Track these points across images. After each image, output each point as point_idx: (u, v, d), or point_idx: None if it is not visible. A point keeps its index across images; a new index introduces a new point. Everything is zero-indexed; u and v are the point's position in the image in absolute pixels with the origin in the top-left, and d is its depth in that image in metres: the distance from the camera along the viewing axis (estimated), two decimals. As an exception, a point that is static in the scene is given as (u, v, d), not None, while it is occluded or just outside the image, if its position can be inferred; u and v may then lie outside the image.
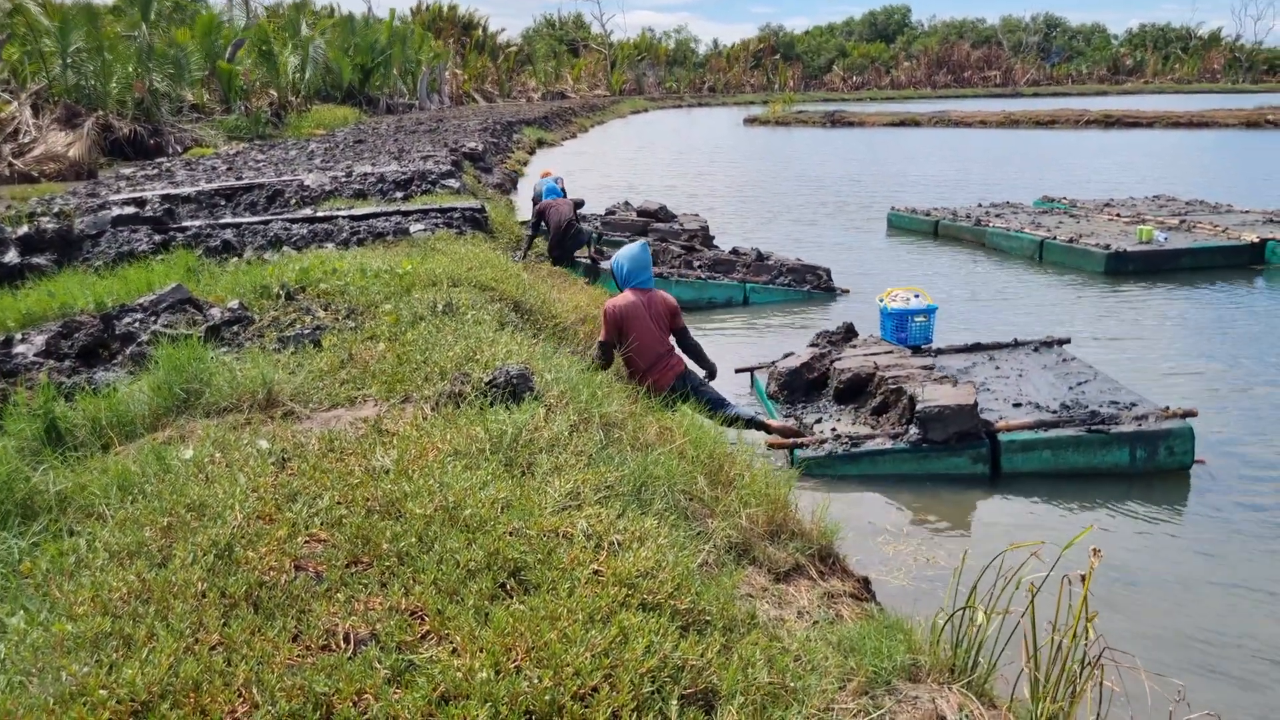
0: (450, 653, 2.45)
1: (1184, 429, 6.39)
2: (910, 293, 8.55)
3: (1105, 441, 6.37)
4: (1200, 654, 4.36)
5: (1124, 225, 15.04)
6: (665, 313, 6.61)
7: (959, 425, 6.36)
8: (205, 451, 3.70)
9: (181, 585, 2.68)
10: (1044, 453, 6.38)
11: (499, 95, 68.86)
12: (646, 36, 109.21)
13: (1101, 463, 6.39)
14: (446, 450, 3.64)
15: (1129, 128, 45.59)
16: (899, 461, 6.40)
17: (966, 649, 3.16)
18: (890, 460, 6.40)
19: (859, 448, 6.44)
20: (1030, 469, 6.39)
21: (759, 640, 2.83)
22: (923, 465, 6.38)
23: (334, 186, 13.23)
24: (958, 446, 6.37)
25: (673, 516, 3.55)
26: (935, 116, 51.79)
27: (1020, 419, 6.60)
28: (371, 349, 5.09)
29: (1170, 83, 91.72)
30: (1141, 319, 10.76)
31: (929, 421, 6.38)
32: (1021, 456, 6.39)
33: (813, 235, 16.75)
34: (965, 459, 6.38)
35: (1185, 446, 6.38)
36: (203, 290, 6.72)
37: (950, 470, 6.38)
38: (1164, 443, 6.38)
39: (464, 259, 7.56)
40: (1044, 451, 6.38)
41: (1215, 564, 5.25)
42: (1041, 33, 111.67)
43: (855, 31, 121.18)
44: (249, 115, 31.25)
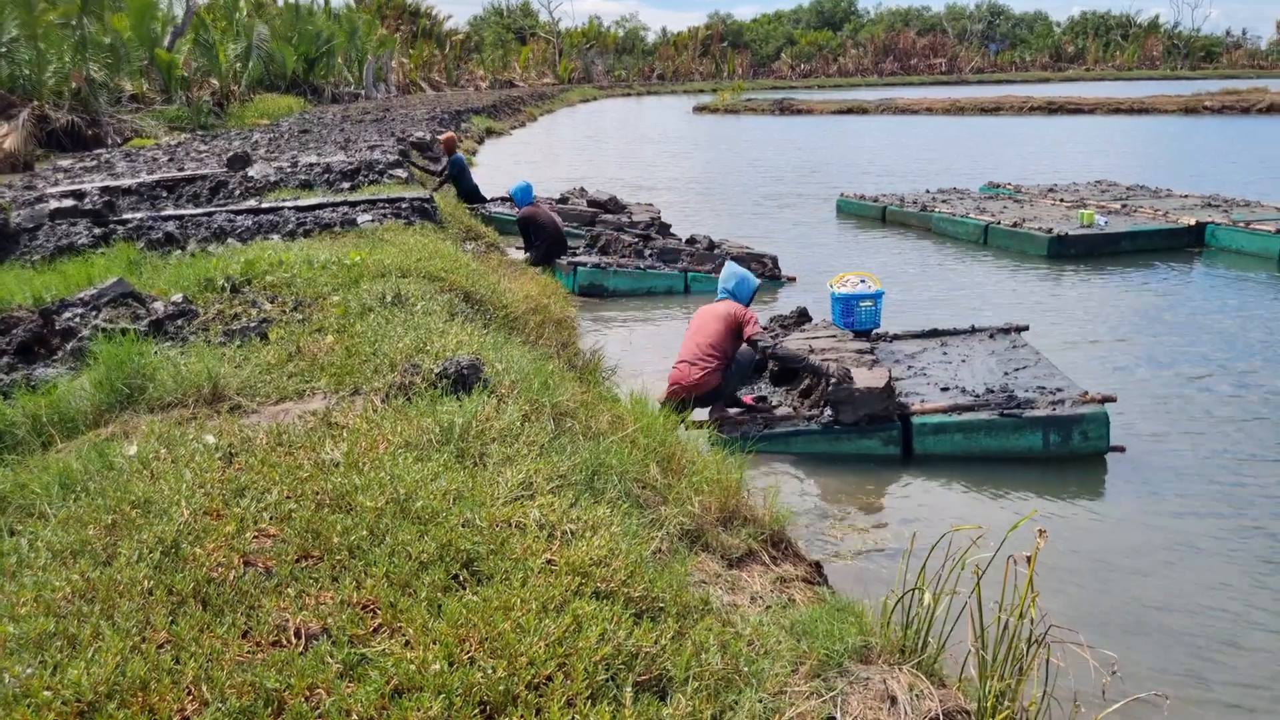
0: (403, 645, 2.44)
1: (1099, 414, 6.43)
2: (859, 278, 8.62)
3: (1018, 425, 6.43)
4: (1134, 629, 4.47)
5: (1066, 210, 15.29)
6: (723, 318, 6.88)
7: (869, 408, 6.46)
8: (150, 448, 3.63)
9: (127, 583, 2.63)
10: (955, 435, 6.46)
11: (446, 84, 68.24)
12: (595, 24, 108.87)
13: (1014, 446, 6.45)
14: (397, 442, 3.61)
15: (1071, 114, 46.36)
16: (811, 441, 6.51)
17: (916, 630, 3.21)
18: (803, 440, 6.52)
19: (773, 428, 6.56)
20: (942, 451, 6.48)
21: (712, 626, 2.85)
22: (834, 445, 6.49)
23: (279, 177, 13.04)
24: (868, 429, 6.46)
25: (625, 505, 3.55)
26: (883, 104, 52.24)
27: (937, 402, 6.69)
28: (319, 341, 5.04)
29: (1111, 70, 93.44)
30: (1081, 301, 10.95)
31: (840, 404, 6.51)
32: (933, 439, 6.48)
33: (763, 223, 16.83)
34: (876, 441, 6.48)
35: (1100, 432, 6.43)
36: (145, 284, 6.60)
37: (861, 451, 6.47)
38: (1077, 427, 6.42)
39: (413, 249, 7.50)
40: (955, 435, 6.46)
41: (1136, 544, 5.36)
42: (985, 20, 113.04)
43: (803, 19, 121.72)
44: (190, 105, 30.69)
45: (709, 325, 6.81)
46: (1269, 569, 5.04)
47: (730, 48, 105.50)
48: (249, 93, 36.48)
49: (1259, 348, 8.96)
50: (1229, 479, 6.19)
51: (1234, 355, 8.74)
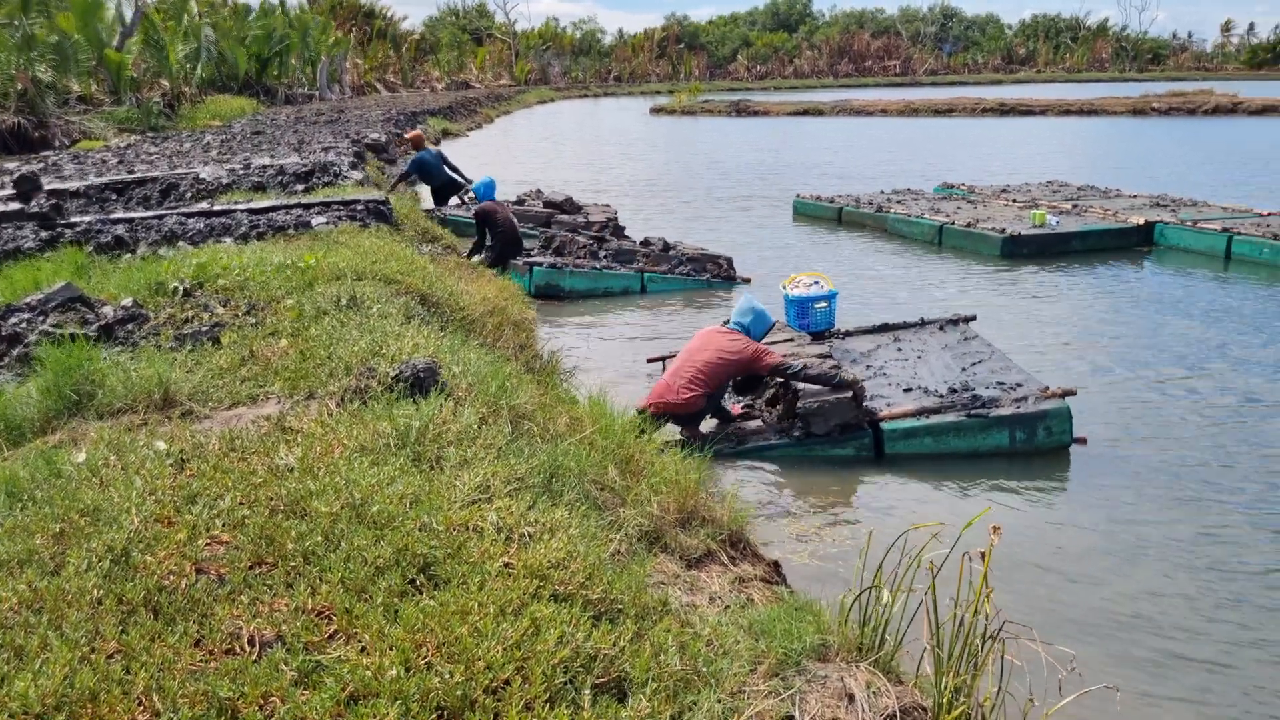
0: (359, 652, 2.42)
1: (1061, 409, 6.57)
2: (812, 279, 8.67)
3: (985, 425, 6.53)
4: (1088, 625, 4.53)
5: (1019, 210, 15.49)
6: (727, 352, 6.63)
7: (840, 418, 6.50)
8: (99, 454, 3.57)
9: (76, 593, 2.59)
10: (925, 439, 6.54)
11: (402, 85, 67.73)
12: (551, 26, 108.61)
13: (982, 446, 6.56)
14: (352, 446, 3.58)
15: (1023, 115, 47.00)
16: (785, 450, 6.52)
17: (873, 628, 3.23)
18: (778, 453, 6.52)
19: (744, 445, 6.56)
20: (913, 453, 6.55)
21: (671, 627, 2.85)
22: (808, 453, 6.50)
23: (232, 179, 12.87)
24: (840, 439, 6.50)
25: (584, 507, 3.55)
26: (838, 105, 52.63)
27: (904, 407, 6.75)
28: (273, 345, 4.98)
29: (1061, 71, 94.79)
30: (1035, 300, 11.11)
31: (811, 417, 6.52)
32: (903, 443, 6.55)
33: (719, 224, 16.88)
34: (850, 449, 6.52)
35: (1063, 426, 6.57)
36: (94, 288, 6.48)
37: (834, 457, 6.51)
38: (1041, 423, 6.55)
39: (368, 252, 7.43)
40: (925, 438, 6.54)
41: (1095, 539, 5.45)
42: (938, 23, 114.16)
43: (758, 21, 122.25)
44: (140, 107, 30.21)
45: (710, 354, 6.57)
46: (1220, 563, 5.14)
47: (687, 49, 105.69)
48: (200, 94, 35.97)
49: (1207, 343, 9.14)
50: (1182, 471, 6.30)
51: (1183, 351, 8.91)
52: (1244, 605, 4.70)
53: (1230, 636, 4.43)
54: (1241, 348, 8.97)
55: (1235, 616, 4.60)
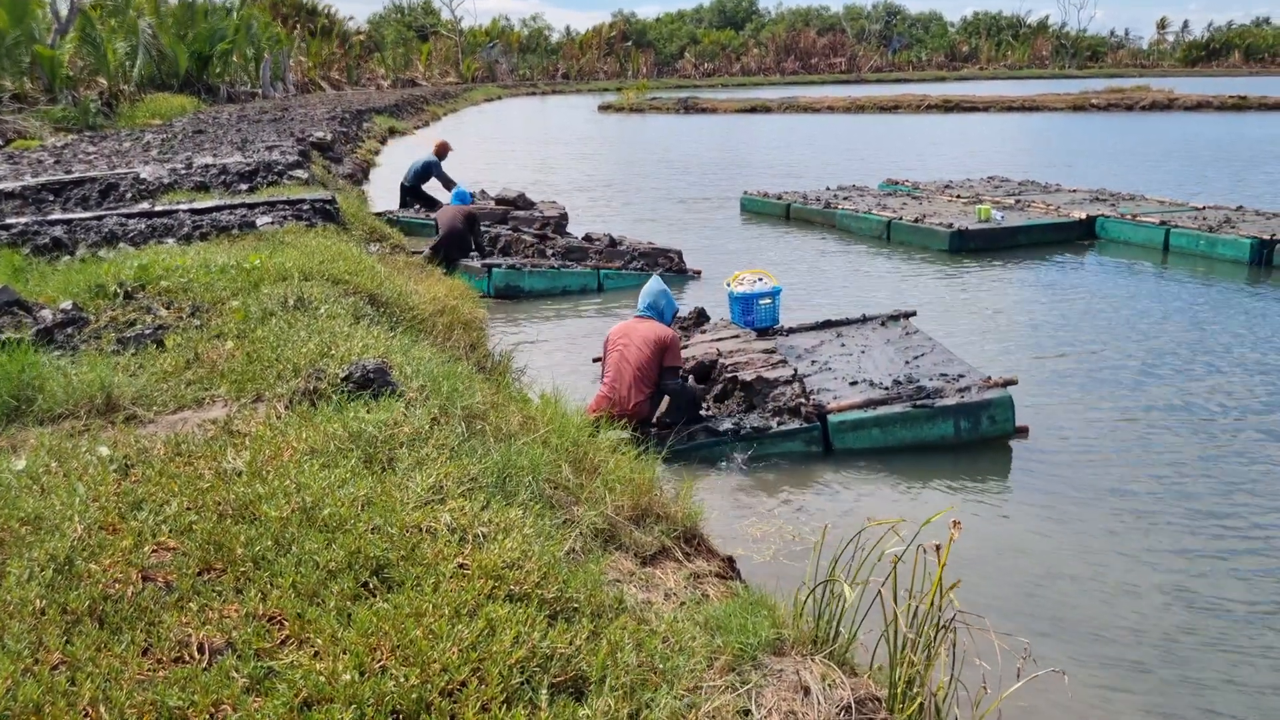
0: (312, 657, 2.39)
1: (1004, 398, 6.68)
2: (755, 276, 8.71)
3: (930, 415, 6.62)
4: (1037, 615, 4.61)
5: (963, 205, 15.70)
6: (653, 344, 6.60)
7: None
8: (40, 461, 3.49)
9: (17, 603, 2.53)
10: (873, 430, 6.61)
11: (347, 83, 67.00)
12: (498, 23, 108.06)
13: (928, 436, 6.64)
14: (302, 449, 3.53)
15: (966, 112, 47.67)
16: (734, 447, 6.53)
17: (828, 621, 3.25)
18: (726, 449, 6.53)
19: (694, 440, 6.56)
20: (861, 446, 6.61)
21: (627, 625, 2.85)
22: (758, 449, 6.52)
23: (173, 179, 12.64)
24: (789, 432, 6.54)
25: (538, 506, 3.53)
26: (785, 102, 52.98)
27: (851, 399, 6.81)
28: (219, 347, 4.90)
29: (1003, 69, 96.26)
30: (981, 293, 11.26)
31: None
32: (852, 435, 6.61)
33: (668, 220, 16.92)
34: (799, 443, 6.56)
35: (1005, 415, 6.67)
36: (31, 291, 6.33)
37: (784, 452, 6.55)
38: (985, 413, 6.65)
39: (315, 252, 7.34)
40: (873, 430, 6.61)
41: (1040, 528, 5.54)
42: (883, 21, 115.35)
43: (705, 19, 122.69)
44: (77, 105, 29.56)
45: (639, 350, 6.55)
46: (1160, 550, 5.24)
47: (634, 47, 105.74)
48: (139, 92, 35.29)
49: (1148, 333, 9.33)
50: (1123, 461, 6.43)
51: (1124, 340, 9.09)
52: (1184, 592, 4.81)
53: (1173, 624, 4.53)
54: (1181, 337, 9.16)
55: (1177, 603, 4.71)
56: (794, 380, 6.92)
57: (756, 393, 6.84)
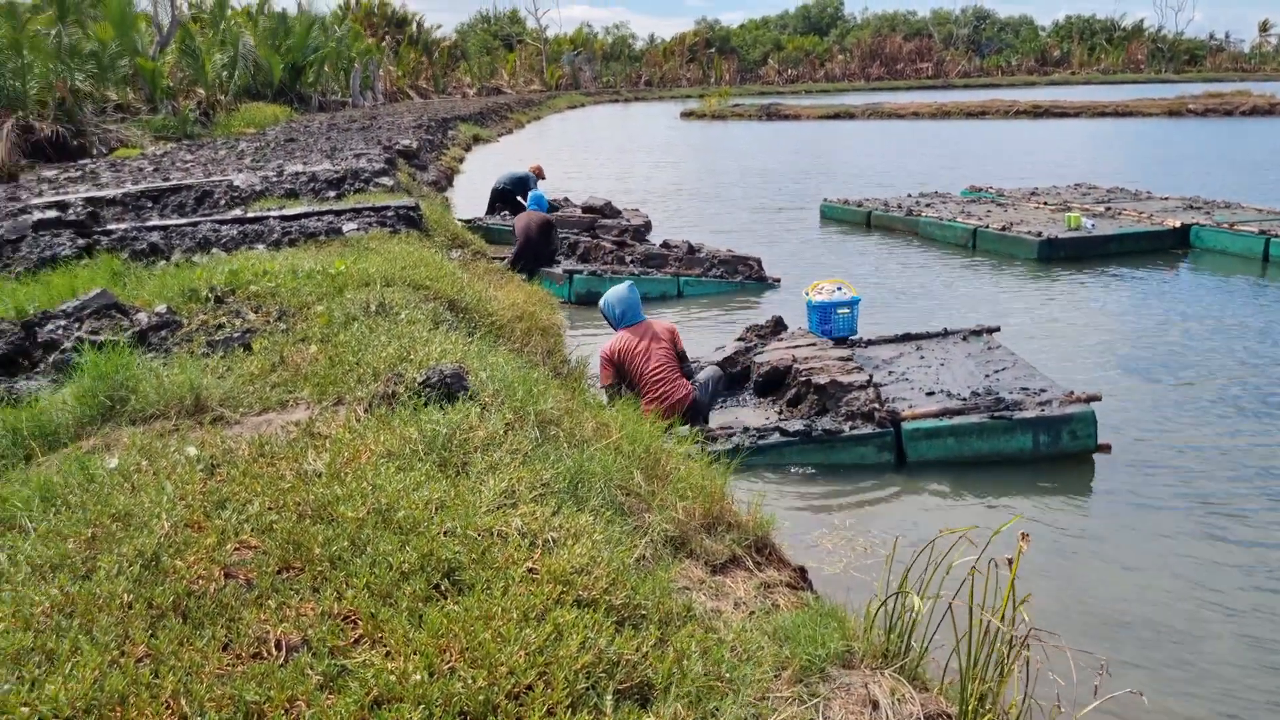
0: (383, 656, 2.43)
1: (1085, 414, 6.50)
2: (834, 285, 8.65)
3: (1008, 427, 6.47)
4: (1114, 633, 4.49)
5: (1051, 213, 15.37)
6: (663, 337, 6.85)
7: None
8: (131, 460, 3.62)
9: (106, 597, 2.62)
10: (948, 440, 6.49)
11: (433, 92, 68.24)
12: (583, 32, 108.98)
13: (1005, 448, 6.49)
14: (379, 452, 3.60)
15: (1056, 118, 46.62)
16: (805, 452, 6.47)
17: (900, 634, 3.21)
18: (797, 451, 6.47)
19: (765, 439, 6.51)
20: (935, 456, 6.49)
21: (695, 632, 2.85)
22: (828, 455, 6.47)
23: (265, 186, 13.02)
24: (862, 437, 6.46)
25: (609, 512, 3.55)
26: (869, 108, 52.43)
27: (926, 407, 6.71)
28: (303, 351, 5.03)
29: (1096, 73, 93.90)
30: (1072, 304, 11.01)
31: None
32: (925, 444, 6.50)
33: (747, 227, 16.88)
34: (871, 448, 6.47)
35: (1087, 431, 6.49)
36: (129, 295, 6.58)
37: (856, 460, 6.47)
38: (1066, 427, 6.48)
39: (398, 258, 7.49)
40: (948, 439, 6.49)
41: (1121, 544, 5.39)
42: (971, 25, 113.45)
43: (789, 25, 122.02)
44: (176, 115, 30.59)
45: (662, 348, 6.76)
46: (1248, 569, 5.07)
47: (717, 54, 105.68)
48: (235, 101, 36.39)
49: (1245, 348, 9.01)
50: (1211, 480, 6.22)
51: (1220, 356, 8.79)
52: (1266, 611, 4.64)
53: (1261, 651, 4.37)
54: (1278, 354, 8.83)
55: (1265, 629, 4.54)
56: (868, 385, 6.84)
57: (830, 396, 6.79)
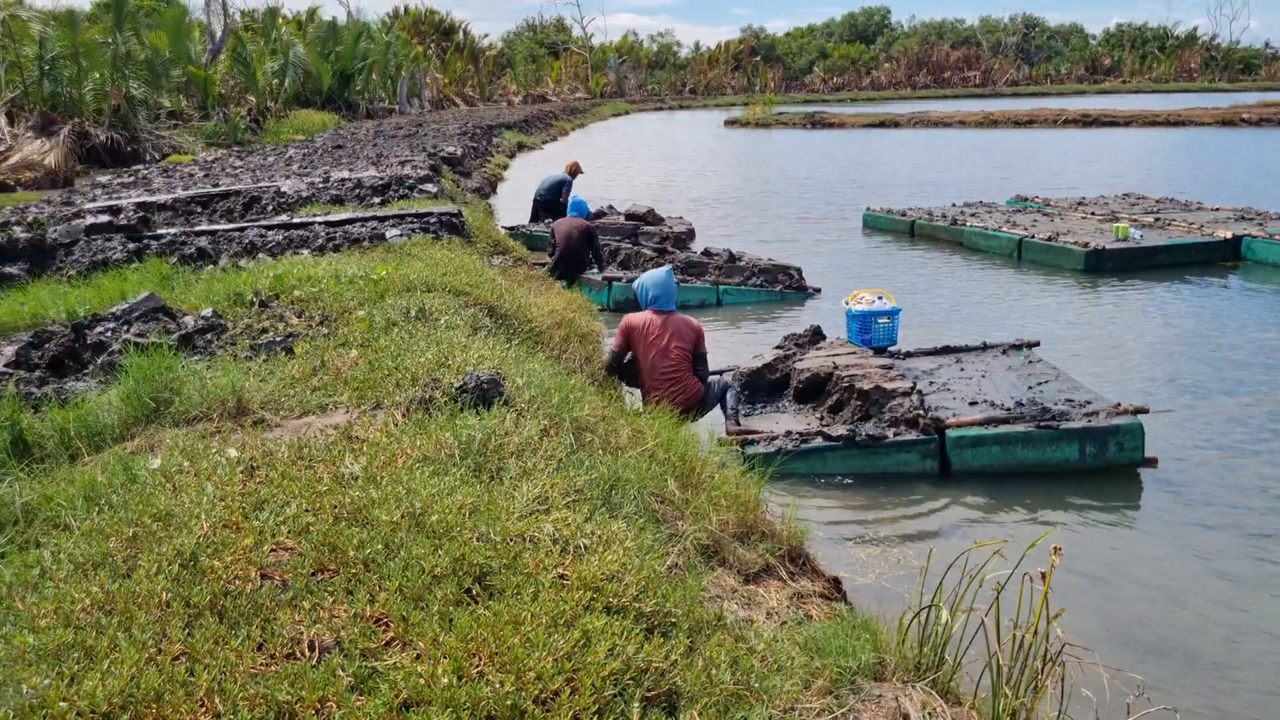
0: (413, 659, 2.46)
1: (1134, 425, 6.41)
2: (874, 294, 8.60)
3: (1054, 437, 6.39)
4: (1152, 650, 4.41)
5: (1099, 223, 15.16)
6: (687, 336, 6.86)
7: None
8: (173, 461, 3.68)
9: (145, 595, 2.67)
10: (993, 448, 6.42)
11: (479, 99, 68.78)
12: (628, 40, 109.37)
13: (1051, 459, 6.41)
14: (415, 456, 3.64)
15: (1106, 127, 45.97)
16: (847, 458, 6.42)
17: (932, 647, 3.18)
18: (840, 457, 6.42)
19: (808, 444, 6.47)
20: (979, 465, 6.42)
21: (724, 641, 2.85)
22: (871, 461, 6.41)
23: (311, 192, 13.20)
24: (906, 443, 6.40)
25: (641, 520, 3.56)
26: (915, 117, 52.06)
27: (971, 415, 6.64)
28: (344, 356, 5.09)
29: (1148, 82, 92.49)
30: (1118, 316, 10.86)
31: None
32: (970, 452, 6.43)
33: (789, 235, 16.82)
34: (914, 455, 6.41)
35: (1135, 443, 6.40)
36: (176, 298, 6.70)
37: (899, 467, 6.41)
38: (1113, 439, 6.39)
39: (439, 264, 7.56)
40: (993, 447, 6.42)
41: (1163, 562, 5.30)
42: (1020, 33, 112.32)
43: (835, 33, 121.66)
44: (227, 121, 31.11)
45: (677, 348, 6.77)
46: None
47: (762, 62, 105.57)
48: (285, 109, 36.95)
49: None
50: (1258, 496, 6.10)
51: (1272, 372, 8.62)
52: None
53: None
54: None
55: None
56: (912, 392, 6.79)
57: (873, 402, 6.75)
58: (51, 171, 22.55)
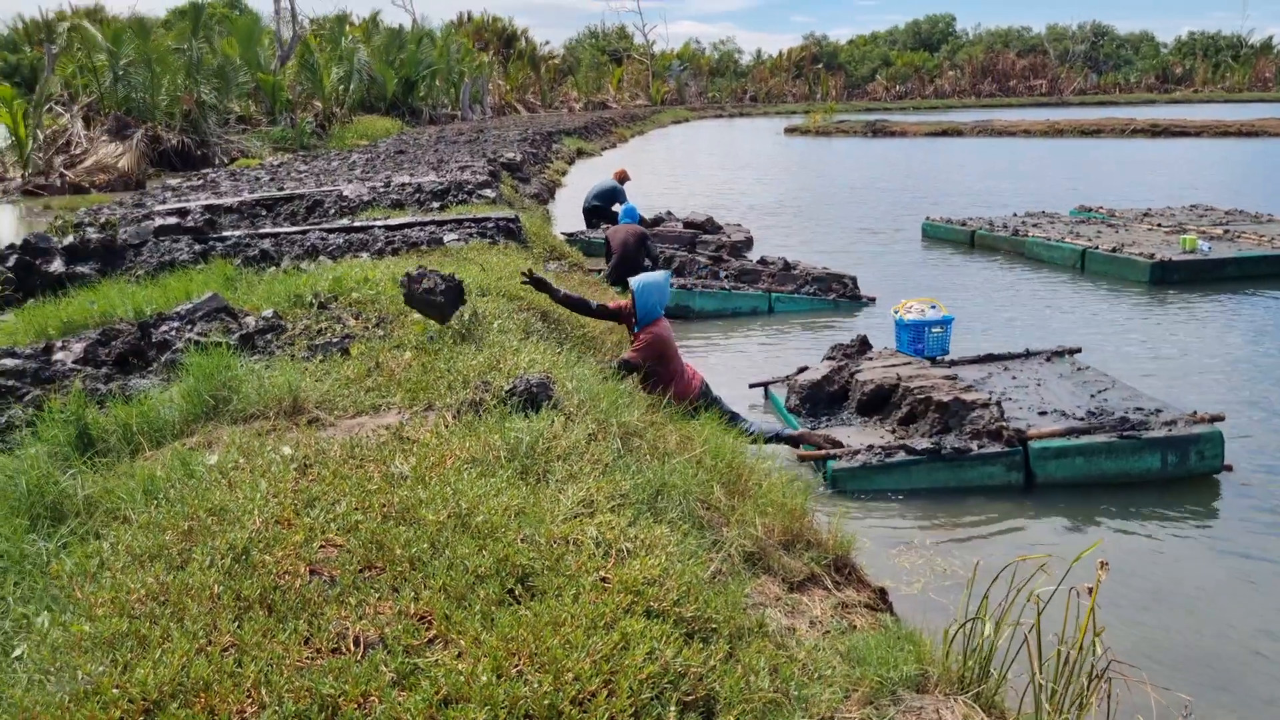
0: (455, 657, 2.49)
1: (1214, 434, 6.37)
2: (926, 304, 8.51)
3: (1137, 447, 6.33)
4: (1214, 670, 4.30)
5: (1165, 235, 14.85)
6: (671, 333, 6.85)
7: None
8: (230, 457, 3.78)
9: (198, 587, 2.75)
10: (1077, 459, 6.34)
11: (541, 106, 69.27)
12: (689, 47, 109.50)
13: (1133, 469, 6.35)
14: (464, 458, 3.69)
15: (1176, 137, 44.98)
16: (932, 472, 6.34)
17: (978, 661, 3.15)
18: (924, 471, 6.34)
19: (892, 458, 6.38)
20: (1063, 476, 6.34)
21: (764, 648, 2.85)
22: (957, 475, 6.32)
23: (372, 197, 13.41)
24: (990, 456, 6.32)
25: (685, 525, 3.57)
26: (978, 126, 51.38)
27: (1052, 426, 6.56)
28: (398, 358, 5.17)
29: (1220, 91, 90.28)
30: (1184, 328, 10.63)
31: None
32: (1055, 464, 6.35)
33: (847, 245, 16.70)
34: (999, 468, 6.33)
35: (1215, 451, 6.36)
36: (239, 299, 6.85)
37: (983, 480, 6.33)
38: (1194, 448, 6.35)
39: (494, 268, 7.64)
40: (1077, 458, 6.34)
41: (1240, 576, 5.18)
42: (1088, 41, 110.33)
43: (899, 40, 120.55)
44: (294, 126, 31.71)
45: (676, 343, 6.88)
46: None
47: (824, 69, 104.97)
48: (350, 114, 37.56)
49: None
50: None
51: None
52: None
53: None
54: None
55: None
56: (991, 404, 6.70)
57: (952, 414, 6.66)
58: (125, 174, 23.18)
